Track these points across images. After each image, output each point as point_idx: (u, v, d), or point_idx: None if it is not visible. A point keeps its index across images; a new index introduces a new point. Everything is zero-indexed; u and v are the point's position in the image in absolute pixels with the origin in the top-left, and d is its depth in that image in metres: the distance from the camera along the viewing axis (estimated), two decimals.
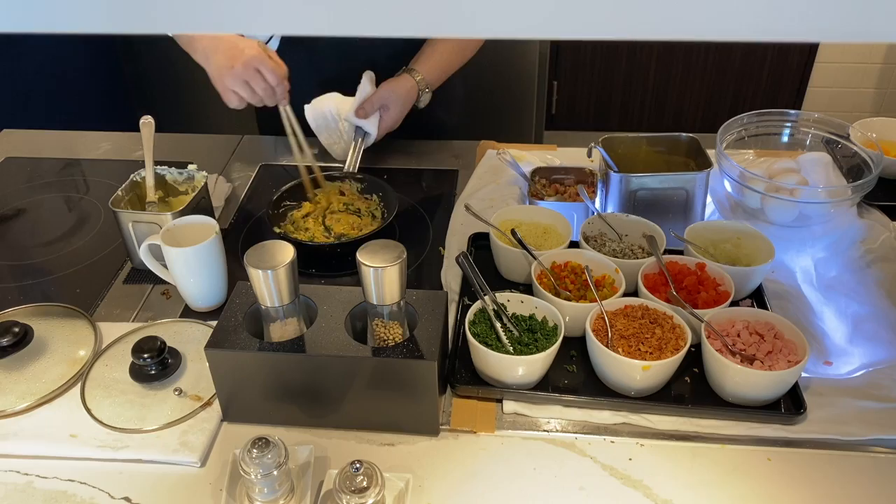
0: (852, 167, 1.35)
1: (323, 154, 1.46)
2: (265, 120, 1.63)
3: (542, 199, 1.30)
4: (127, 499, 0.86)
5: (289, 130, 1.31)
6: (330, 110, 1.39)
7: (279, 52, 1.34)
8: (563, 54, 3.05)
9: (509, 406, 0.95)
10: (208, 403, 0.96)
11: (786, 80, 3.06)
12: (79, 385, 0.99)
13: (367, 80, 1.38)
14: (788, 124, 1.44)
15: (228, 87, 1.25)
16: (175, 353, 1.01)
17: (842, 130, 1.39)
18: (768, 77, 3.05)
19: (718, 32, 0.34)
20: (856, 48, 3.05)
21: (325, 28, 0.36)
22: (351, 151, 1.38)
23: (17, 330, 1.02)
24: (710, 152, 1.30)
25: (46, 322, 1.08)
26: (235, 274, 1.12)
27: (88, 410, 0.95)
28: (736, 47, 2.99)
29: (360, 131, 1.38)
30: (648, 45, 3.01)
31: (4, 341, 1.01)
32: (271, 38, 1.40)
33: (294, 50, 1.37)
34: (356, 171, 1.36)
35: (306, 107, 1.39)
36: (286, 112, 1.29)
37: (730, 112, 1.43)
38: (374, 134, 1.37)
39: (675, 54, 3.01)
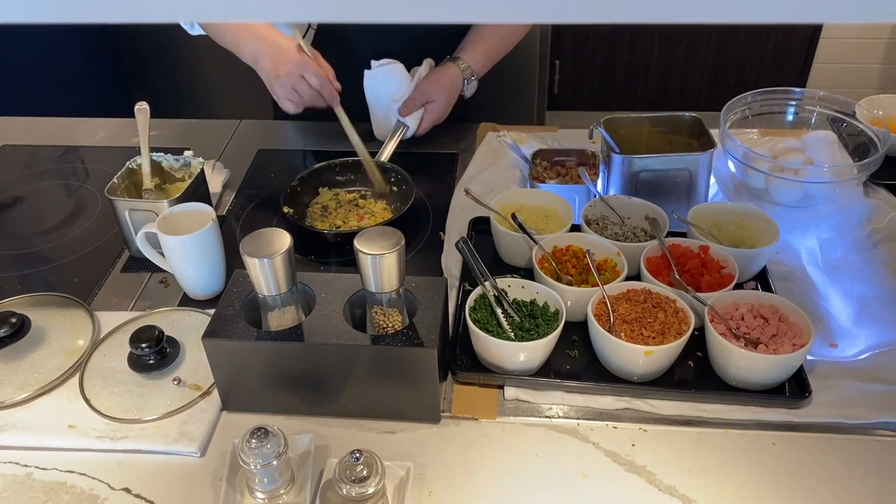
0: (858, 145, 1.32)
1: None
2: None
3: (543, 181, 1.29)
4: (126, 489, 0.85)
5: (347, 130, 1.30)
6: (384, 88, 1.39)
7: (317, 40, 1.32)
8: (564, 34, 3.01)
9: (511, 392, 0.95)
10: (207, 393, 0.95)
11: (790, 56, 3.03)
12: (77, 375, 0.98)
13: (425, 67, 1.39)
14: (793, 103, 1.41)
15: (280, 96, 1.27)
16: (173, 343, 1.00)
17: (847, 108, 1.36)
18: (772, 54, 3.01)
19: (724, 15, 0.33)
20: (861, 24, 3.01)
21: (335, 14, 0.34)
22: (387, 140, 1.39)
23: (14, 320, 1.02)
24: (714, 132, 1.28)
25: (44, 312, 1.07)
26: (234, 261, 1.11)
27: (87, 401, 0.94)
28: (739, 25, 2.95)
29: (401, 122, 1.39)
30: (651, 24, 2.97)
31: (2, 332, 1.00)
32: (308, 29, 1.38)
33: (333, 37, 1.36)
34: (387, 160, 1.36)
35: (366, 72, 1.39)
36: (339, 113, 1.29)
37: (734, 90, 1.41)
38: (413, 129, 1.39)
39: (678, 32, 2.97)
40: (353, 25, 1.39)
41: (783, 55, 3.02)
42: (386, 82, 1.39)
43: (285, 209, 1.24)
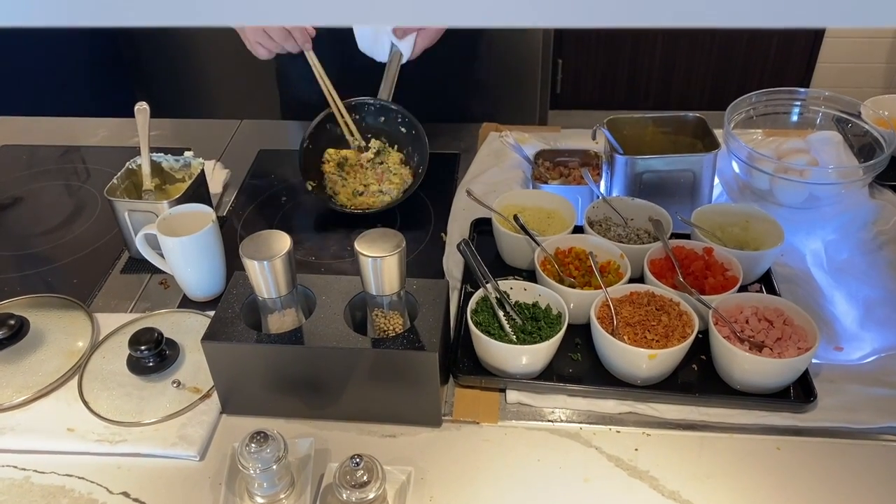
0: (864, 146, 1.31)
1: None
2: (289, 105, 1.60)
3: (545, 182, 1.28)
4: (125, 493, 0.84)
5: (319, 78, 1.29)
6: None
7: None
8: (567, 33, 3.00)
9: (513, 396, 0.94)
10: (207, 395, 0.94)
11: (794, 56, 3.02)
12: (76, 378, 0.97)
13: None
14: (798, 103, 1.40)
15: (252, 40, 1.25)
16: (173, 345, 1.00)
17: (852, 108, 1.35)
18: (776, 54, 3.00)
19: (725, 19, 0.32)
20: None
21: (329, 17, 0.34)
22: (385, 76, 1.33)
23: (12, 322, 1.01)
24: (718, 132, 1.27)
25: (43, 314, 1.06)
26: (234, 263, 1.10)
27: (86, 404, 0.94)
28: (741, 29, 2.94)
29: (395, 49, 1.32)
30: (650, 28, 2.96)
31: (0, 334, 1.00)
32: None
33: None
34: (390, 99, 1.33)
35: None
36: (311, 59, 1.27)
37: (737, 89, 1.40)
38: (408, 54, 1.32)
39: (681, 32, 2.96)
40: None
41: (787, 55, 3.01)
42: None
43: (309, 185, 1.25)
